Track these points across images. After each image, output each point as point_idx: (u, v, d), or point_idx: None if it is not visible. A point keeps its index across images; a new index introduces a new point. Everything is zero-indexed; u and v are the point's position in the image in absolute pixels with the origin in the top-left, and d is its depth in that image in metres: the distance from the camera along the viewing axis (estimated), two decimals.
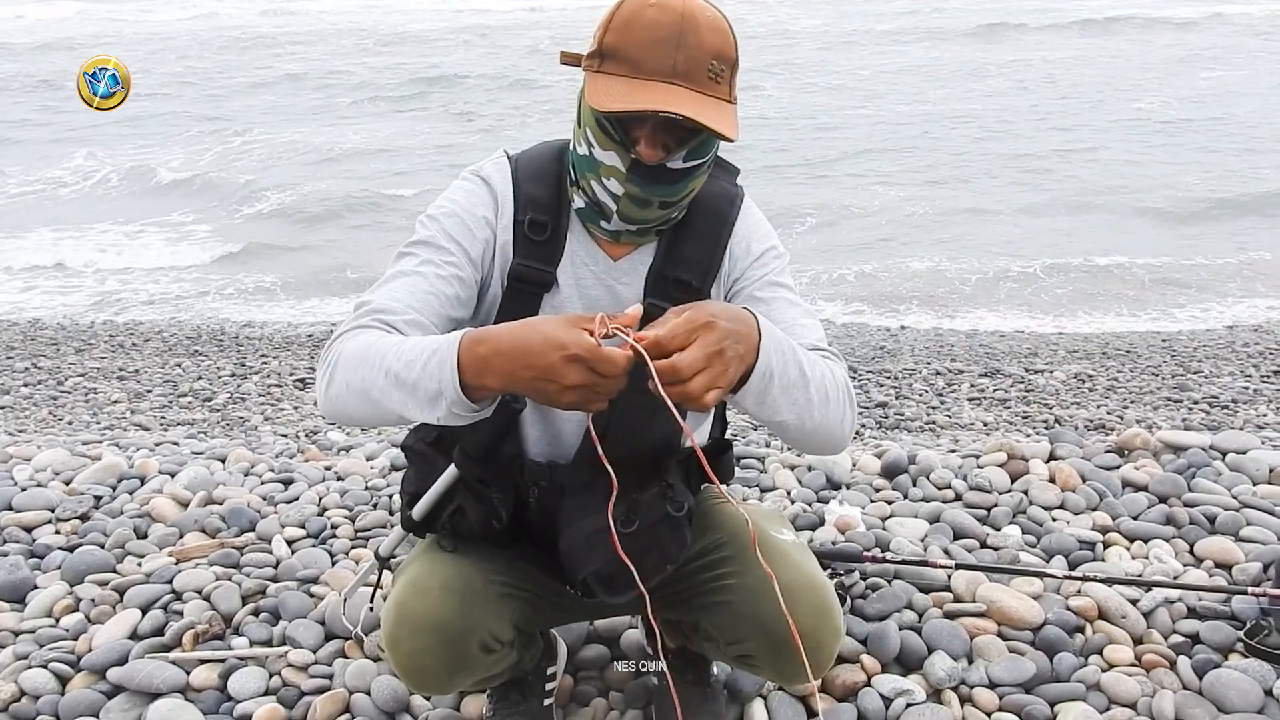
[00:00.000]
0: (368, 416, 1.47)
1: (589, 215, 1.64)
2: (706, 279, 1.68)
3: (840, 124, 17.44)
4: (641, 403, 1.54)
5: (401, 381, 1.37)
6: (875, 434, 5.18)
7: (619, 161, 1.53)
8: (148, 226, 12.53)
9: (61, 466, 3.17)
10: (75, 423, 5.52)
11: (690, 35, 1.45)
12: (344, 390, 1.45)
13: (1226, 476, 2.91)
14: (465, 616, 1.64)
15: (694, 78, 1.47)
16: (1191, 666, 2.15)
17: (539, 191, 1.66)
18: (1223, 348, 7.36)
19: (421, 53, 26.84)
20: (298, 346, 7.57)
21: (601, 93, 1.47)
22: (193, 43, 29.48)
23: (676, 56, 1.45)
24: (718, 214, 1.69)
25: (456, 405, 1.34)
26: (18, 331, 8.00)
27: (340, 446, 3.64)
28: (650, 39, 1.45)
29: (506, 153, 1.73)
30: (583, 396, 1.29)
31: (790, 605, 1.66)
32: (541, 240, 1.65)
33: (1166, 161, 14.20)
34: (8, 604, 2.43)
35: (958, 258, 10.57)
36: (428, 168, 14.84)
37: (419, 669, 1.66)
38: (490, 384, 1.32)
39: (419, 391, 1.36)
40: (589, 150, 1.56)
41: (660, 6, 1.46)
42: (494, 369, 1.31)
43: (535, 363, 1.28)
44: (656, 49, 1.45)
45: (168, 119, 18.86)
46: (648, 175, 1.54)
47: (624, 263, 1.68)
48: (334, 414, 1.50)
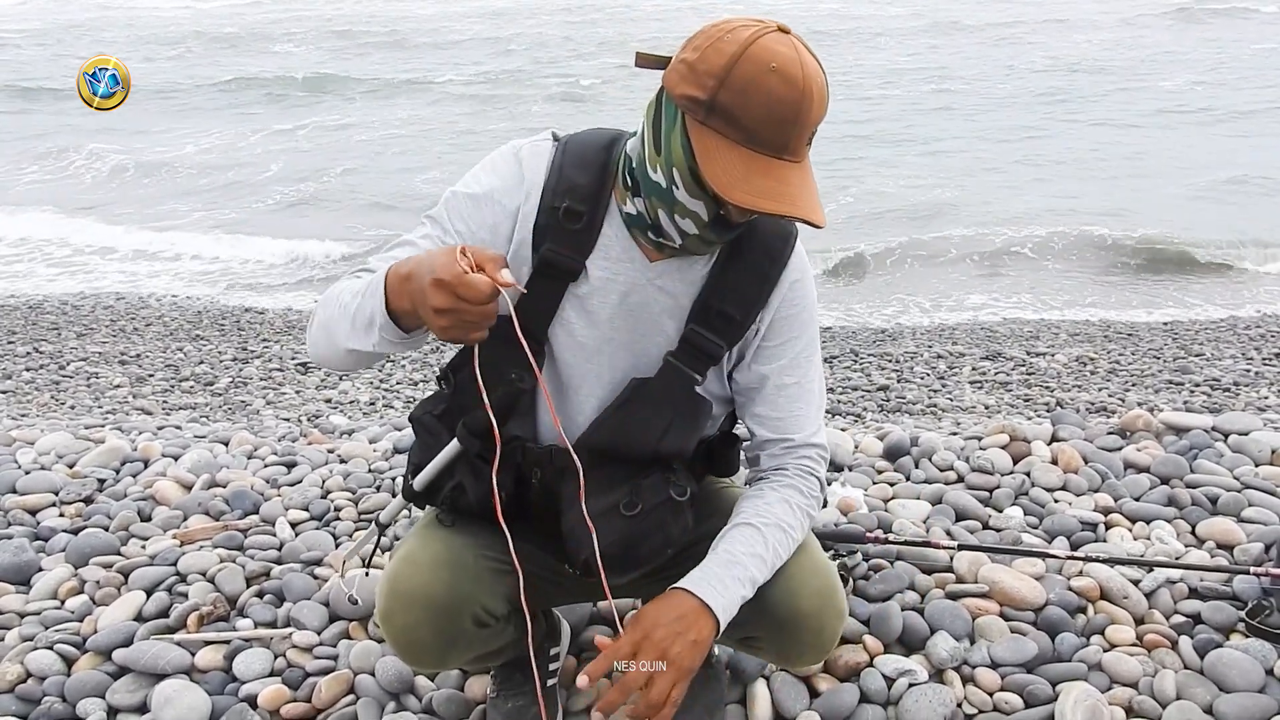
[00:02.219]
0: (331, 353, 1.59)
1: (636, 222, 1.60)
2: (750, 314, 1.67)
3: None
4: (648, 419, 1.63)
5: (347, 311, 1.50)
6: (877, 417, 5.19)
7: (703, 211, 1.50)
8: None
9: (65, 450, 3.18)
10: (77, 407, 5.54)
11: (808, 113, 1.41)
12: (315, 330, 1.60)
13: (1228, 458, 2.91)
14: (456, 590, 1.65)
15: (799, 152, 1.45)
16: (1193, 646, 2.15)
17: (582, 180, 1.61)
18: (1224, 330, 7.36)
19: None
20: (299, 330, 7.57)
21: (718, 167, 1.42)
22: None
23: (792, 134, 1.41)
24: (771, 252, 1.67)
25: (385, 330, 1.45)
26: (19, 316, 8.00)
27: (343, 430, 3.64)
28: (771, 116, 1.39)
29: (555, 134, 1.68)
30: (452, 322, 1.36)
31: (794, 588, 1.68)
32: (576, 229, 1.61)
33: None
34: (13, 586, 2.44)
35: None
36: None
37: (412, 644, 1.68)
38: (405, 307, 1.42)
39: (359, 319, 1.48)
40: (669, 186, 1.50)
41: (783, 76, 1.38)
42: (403, 293, 1.41)
43: (415, 286, 1.38)
44: (777, 127, 1.40)
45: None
46: (726, 227, 1.53)
47: (660, 265, 1.65)
48: (312, 355, 1.63)
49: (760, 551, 1.64)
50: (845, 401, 5.59)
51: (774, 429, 1.74)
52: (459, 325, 1.36)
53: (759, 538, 1.65)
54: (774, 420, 1.73)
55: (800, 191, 1.43)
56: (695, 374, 1.67)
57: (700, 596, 1.57)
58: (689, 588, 1.59)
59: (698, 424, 1.72)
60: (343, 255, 10.38)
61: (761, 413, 1.74)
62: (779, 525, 1.67)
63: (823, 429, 1.77)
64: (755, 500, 1.71)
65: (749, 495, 1.74)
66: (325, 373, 6.36)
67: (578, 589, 1.87)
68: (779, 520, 1.68)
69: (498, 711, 2.00)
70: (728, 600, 1.58)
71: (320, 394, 5.86)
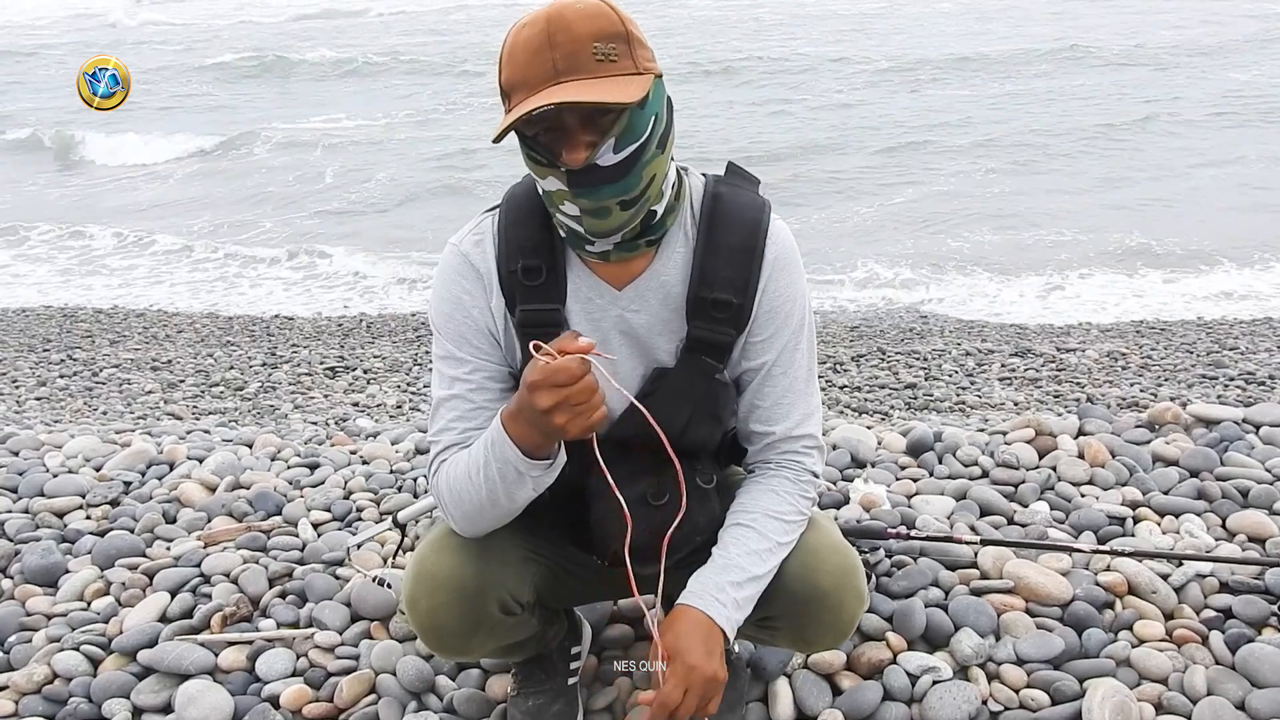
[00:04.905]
0: (498, 519, 1.63)
1: (574, 242, 1.62)
2: (746, 294, 1.65)
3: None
4: (672, 410, 1.63)
5: (493, 485, 1.54)
6: (904, 415, 5.14)
7: (559, 181, 1.50)
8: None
9: (92, 453, 3.21)
10: (109, 413, 5.59)
11: (560, 33, 1.43)
12: (467, 523, 1.64)
13: (1260, 450, 2.86)
14: (483, 574, 1.66)
15: (579, 69, 1.43)
16: (1224, 641, 2.11)
17: (525, 234, 1.65)
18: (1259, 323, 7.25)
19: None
20: (328, 336, 7.62)
21: (499, 125, 1.46)
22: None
23: (553, 57, 1.42)
24: (746, 226, 1.65)
25: (535, 470, 1.51)
26: (54, 324, 8.11)
27: (368, 433, 3.65)
28: (527, 55, 1.44)
29: (495, 206, 1.71)
30: (570, 415, 1.40)
31: (813, 564, 1.68)
32: (540, 283, 1.64)
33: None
34: (40, 588, 2.46)
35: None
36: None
37: (437, 627, 1.69)
38: (531, 438, 1.47)
39: (507, 482, 1.53)
40: (540, 187, 1.56)
41: (528, 22, 1.45)
42: (521, 427, 1.47)
43: (525, 411, 1.44)
44: (534, 60, 1.43)
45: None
46: (586, 180, 1.48)
47: (629, 290, 1.66)
48: (476, 534, 1.67)
49: (755, 546, 1.65)
50: (873, 399, 5.55)
51: (760, 419, 1.73)
52: (576, 413, 1.40)
53: (751, 533, 1.66)
54: (760, 410, 1.72)
55: (573, 90, 1.41)
56: (715, 362, 1.67)
57: (701, 609, 1.60)
58: (690, 603, 1.61)
59: (721, 413, 1.71)
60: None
61: (747, 401, 1.73)
62: (768, 514, 1.67)
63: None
64: (742, 497, 1.72)
65: (738, 495, 1.74)
66: (353, 376, 6.40)
67: (602, 582, 1.87)
68: (767, 509, 1.68)
69: (518, 710, 2.00)
70: (727, 608, 1.61)
71: (348, 398, 5.89)
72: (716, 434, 1.74)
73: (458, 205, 12.10)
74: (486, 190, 12.48)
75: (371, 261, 10.49)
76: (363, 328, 7.97)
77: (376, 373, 6.51)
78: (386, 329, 7.88)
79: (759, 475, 1.75)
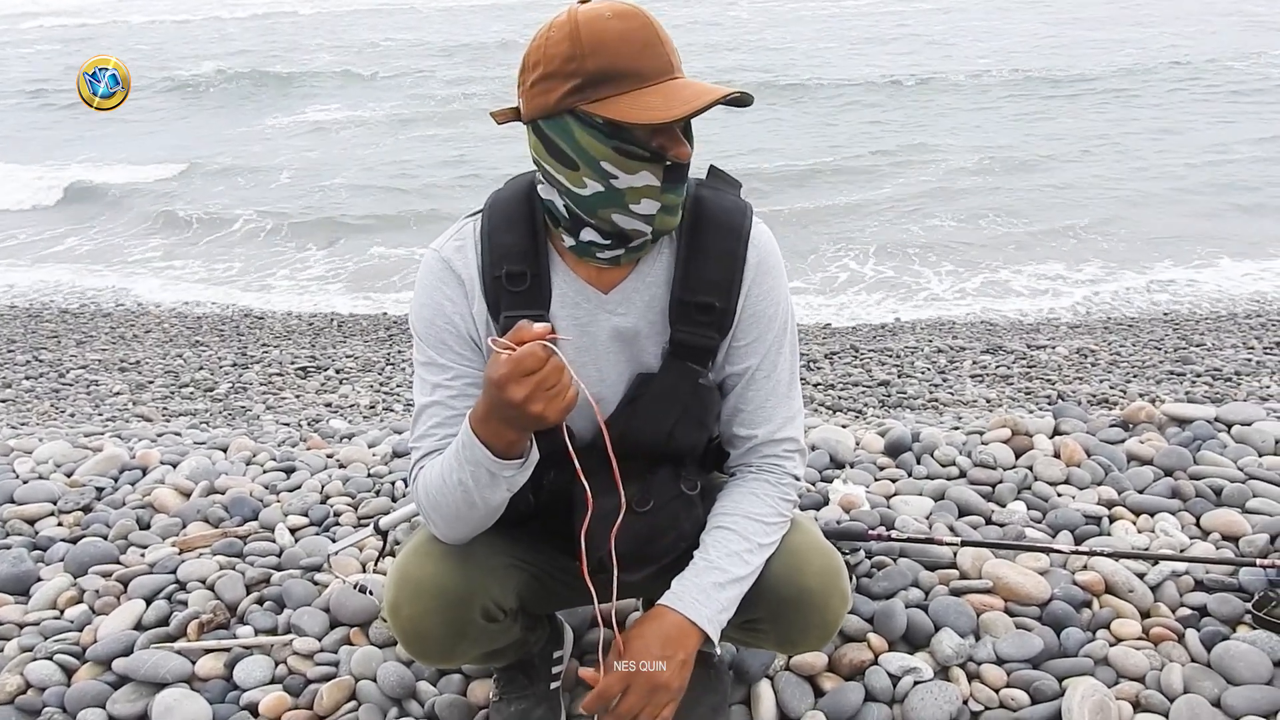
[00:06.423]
0: (479, 522, 1.61)
1: (588, 250, 1.60)
2: (730, 298, 1.65)
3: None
4: (657, 415, 1.64)
5: (467, 489, 1.52)
6: (878, 413, 5.17)
7: (652, 177, 1.50)
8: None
9: (63, 459, 3.17)
10: (77, 415, 5.52)
11: (660, 32, 1.47)
12: (448, 528, 1.62)
13: (1232, 449, 2.90)
14: (467, 581, 1.65)
15: (679, 68, 1.49)
16: (1200, 639, 2.14)
17: (511, 239, 1.63)
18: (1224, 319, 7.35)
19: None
20: (299, 335, 7.56)
21: (637, 109, 1.43)
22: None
23: (665, 51, 1.47)
24: (730, 229, 1.66)
25: (507, 470, 1.50)
26: (19, 325, 8.00)
27: (342, 435, 3.63)
28: (635, 49, 1.44)
29: (477, 211, 1.70)
30: (546, 400, 1.39)
31: (798, 565, 1.68)
32: (525, 289, 1.63)
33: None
34: (12, 597, 2.42)
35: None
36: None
37: (420, 635, 1.67)
38: (508, 437, 1.46)
39: (480, 485, 1.51)
40: (606, 184, 1.50)
41: (620, 15, 1.45)
42: (491, 426, 1.45)
43: (495, 410, 1.43)
44: (645, 53, 1.45)
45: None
46: (678, 176, 1.52)
47: (615, 294, 1.65)
48: (459, 541, 1.66)
49: (736, 548, 1.65)
50: (846, 397, 5.58)
51: (742, 423, 1.73)
52: (551, 396, 1.39)
53: (732, 536, 1.66)
54: (743, 414, 1.72)
55: (710, 89, 1.45)
56: (699, 366, 1.67)
57: (682, 612, 1.59)
58: (671, 605, 1.60)
59: (706, 418, 1.71)
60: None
61: (730, 405, 1.73)
62: (748, 516, 1.68)
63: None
64: (723, 501, 1.72)
65: (719, 498, 1.74)
66: (325, 376, 6.36)
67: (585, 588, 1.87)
68: (747, 512, 1.68)
69: (501, 715, 1.99)
70: (711, 610, 1.60)
71: (320, 398, 5.85)
72: (703, 438, 1.73)
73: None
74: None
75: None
76: (334, 327, 7.91)
77: (349, 373, 6.47)
78: (358, 328, 7.83)
79: (740, 479, 1.75)
